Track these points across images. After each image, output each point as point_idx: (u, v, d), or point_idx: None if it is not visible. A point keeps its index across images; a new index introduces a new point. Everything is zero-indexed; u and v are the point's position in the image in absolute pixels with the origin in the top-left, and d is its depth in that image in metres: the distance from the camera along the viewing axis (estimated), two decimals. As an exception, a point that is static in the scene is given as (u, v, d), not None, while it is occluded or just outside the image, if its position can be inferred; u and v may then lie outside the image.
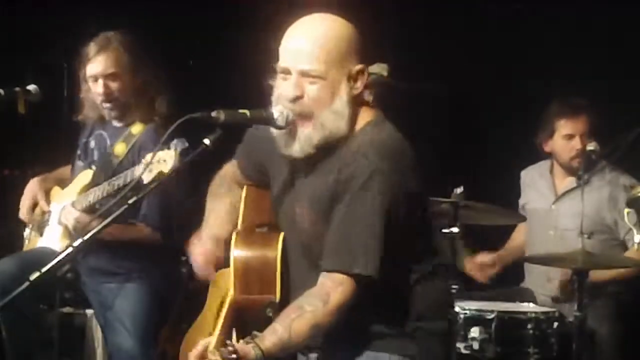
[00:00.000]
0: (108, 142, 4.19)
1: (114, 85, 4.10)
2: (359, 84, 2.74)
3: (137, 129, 4.13)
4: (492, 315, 4.11)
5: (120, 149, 4.12)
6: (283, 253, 2.81)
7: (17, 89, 4.05)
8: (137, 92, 4.14)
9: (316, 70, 2.69)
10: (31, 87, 4.06)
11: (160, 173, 3.55)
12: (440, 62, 5.29)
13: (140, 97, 4.14)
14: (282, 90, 2.73)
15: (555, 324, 4.14)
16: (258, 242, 2.85)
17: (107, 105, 4.12)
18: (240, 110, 2.72)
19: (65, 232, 4.09)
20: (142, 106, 4.14)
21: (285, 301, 2.75)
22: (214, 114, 2.68)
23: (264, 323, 2.67)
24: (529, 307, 4.32)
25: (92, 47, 4.12)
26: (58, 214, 4.17)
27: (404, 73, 3.00)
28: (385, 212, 2.64)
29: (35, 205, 4.31)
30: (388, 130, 2.78)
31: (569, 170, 4.65)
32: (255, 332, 2.60)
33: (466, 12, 5.33)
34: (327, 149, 2.75)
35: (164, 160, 3.56)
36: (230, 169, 3.12)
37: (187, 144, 3.44)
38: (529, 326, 4.11)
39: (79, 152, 4.28)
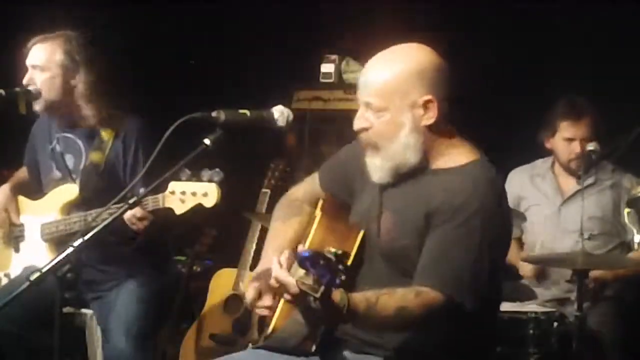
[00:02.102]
0: (82, 146, 4.05)
1: (39, 77, 3.95)
2: (431, 114, 2.76)
3: (106, 133, 3.99)
4: (492, 315, 4.10)
5: (97, 157, 3.99)
6: (361, 251, 2.85)
7: (17, 89, 4.04)
8: (72, 93, 3.96)
9: (376, 103, 2.75)
10: (31, 87, 4.05)
11: (200, 205, 3.46)
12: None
13: (77, 99, 3.97)
14: (354, 123, 2.81)
15: (556, 324, 4.13)
16: (340, 229, 2.90)
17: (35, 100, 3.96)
18: (241, 110, 2.73)
19: (51, 247, 4.00)
20: (86, 111, 3.97)
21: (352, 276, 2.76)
22: (214, 114, 2.69)
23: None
24: (529, 307, 4.32)
25: (34, 39, 4.01)
26: (38, 230, 4.05)
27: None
28: (483, 246, 2.69)
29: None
30: (493, 172, 2.84)
31: (568, 172, 4.65)
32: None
33: (466, 12, 5.33)
34: (417, 170, 2.81)
35: (205, 194, 3.45)
36: (301, 190, 3.16)
37: (222, 175, 3.38)
38: (529, 326, 4.11)
39: (52, 162, 4.11)
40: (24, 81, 3.96)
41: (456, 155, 2.82)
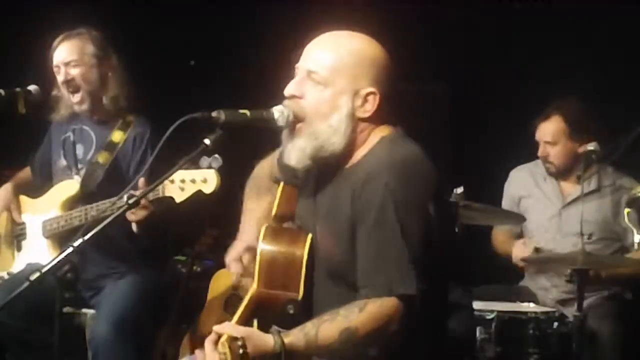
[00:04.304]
0: (94, 140, 4.11)
1: (74, 71, 4.03)
2: (369, 107, 2.69)
3: (117, 136, 4.06)
4: (492, 315, 4.11)
5: (103, 157, 4.04)
6: (310, 254, 2.77)
7: (17, 89, 4.05)
8: (104, 85, 4.06)
9: (321, 73, 2.68)
10: (31, 87, 4.06)
11: (200, 192, 3.47)
12: (440, 63, 5.30)
13: (108, 93, 4.06)
14: (286, 87, 2.73)
15: (555, 324, 4.14)
16: (286, 238, 2.82)
17: (76, 97, 4.03)
18: (241, 111, 2.72)
19: (53, 244, 4.02)
20: (114, 105, 4.07)
21: (307, 301, 2.72)
22: (214, 114, 2.68)
23: (285, 319, 2.66)
24: (529, 307, 4.32)
25: (58, 38, 4.08)
26: (40, 227, 4.08)
27: (405, 74, 2.99)
28: (406, 227, 2.57)
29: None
30: (403, 147, 2.71)
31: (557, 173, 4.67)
32: (274, 327, 2.59)
33: (466, 12, 5.33)
34: (339, 164, 2.73)
35: (204, 180, 3.47)
36: (267, 168, 3.12)
37: (221, 161, 3.37)
38: (529, 326, 4.11)
39: (61, 150, 4.18)
40: (61, 79, 4.04)
41: (368, 143, 2.72)
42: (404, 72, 2.84)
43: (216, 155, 3.29)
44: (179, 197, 3.52)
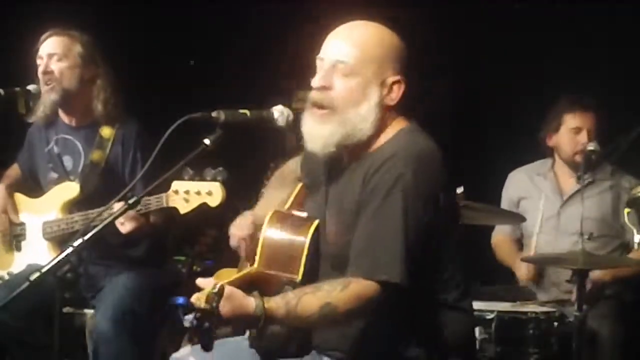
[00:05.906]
0: (81, 148, 4.10)
1: (55, 65, 4.01)
2: (394, 96, 2.74)
3: (106, 132, 4.04)
4: (492, 315, 4.10)
5: (97, 156, 4.04)
6: (314, 242, 2.80)
7: (17, 89, 4.04)
8: (87, 87, 4.04)
9: (350, 63, 2.71)
10: (31, 87, 4.05)
11: (205, 205, 3.48)
12: (440, 63, 5.29)
13: (92, 94, 4.05)
14: (313, 79, 2.75)
15: (555, 324, 4.13)
16: (292, 224, 2.86)
17: (47, 88, 4.00)
18: (241, 110, 2.72)
19: (53, 246, 4.02)
20: (98, 106, 4.04)
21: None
22: (214, 114, 2.69)
23: None
24: (529, 307, 4.31)
25: (47, 33, 4.08)
26: (40, 229, 4.07)
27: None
28: (409, 218, 2.61)
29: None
30: (418, 138, 2.76)
31: (572, 167, 4.64)
32: (256, 292, 2.59)
33: (467, 12, 5.33)
34: (354, 155, 2.76)
35: (209, 193, 3.48)
36: (294, 164, 3.18)
37: (226, 173, 3.36)
38: (529, 326, 4.11)
39: (49, 164, 4.16)
40: (41, 69, 4.01)
41: (387, 133, 2.77)
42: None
43: (221, 168, 3.29)
44: (184, 209, 3.53)
